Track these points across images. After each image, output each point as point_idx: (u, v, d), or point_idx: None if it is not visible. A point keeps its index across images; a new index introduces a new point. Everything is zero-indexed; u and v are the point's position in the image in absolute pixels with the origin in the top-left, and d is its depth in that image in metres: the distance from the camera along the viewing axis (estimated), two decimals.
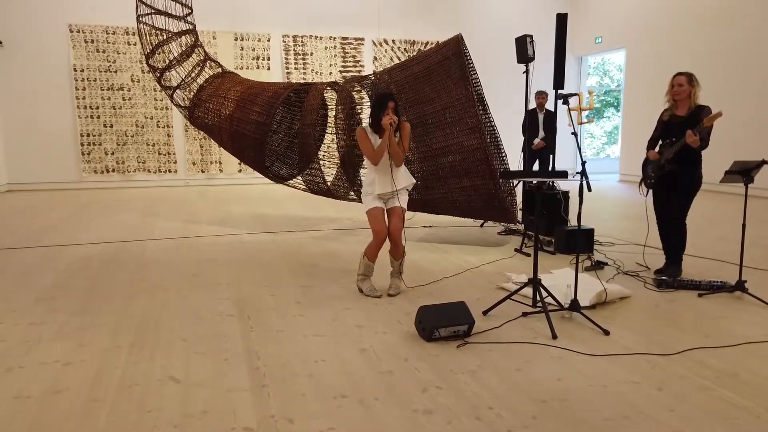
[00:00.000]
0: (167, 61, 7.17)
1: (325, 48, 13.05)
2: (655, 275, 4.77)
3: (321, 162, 6.88)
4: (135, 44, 11.43)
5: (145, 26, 7.09)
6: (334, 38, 13.09)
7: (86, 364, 3.08)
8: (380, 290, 4.37)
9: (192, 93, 7.17)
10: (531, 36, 6.37)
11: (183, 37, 7.22)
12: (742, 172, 4.21)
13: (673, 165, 4.58)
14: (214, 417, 2.53)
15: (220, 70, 7.48)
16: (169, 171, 12.39)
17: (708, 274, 4.84)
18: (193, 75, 7.22)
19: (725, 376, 2.94)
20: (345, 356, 3.19)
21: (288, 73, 12.79)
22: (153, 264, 5.36)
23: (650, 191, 4.85)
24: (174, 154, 12.38)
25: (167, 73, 7.22)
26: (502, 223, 6.86)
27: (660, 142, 4.76)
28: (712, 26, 11.06)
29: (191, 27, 7.29)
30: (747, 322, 3.75)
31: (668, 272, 4.75)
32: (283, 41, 12.73)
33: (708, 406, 2.63)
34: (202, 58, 7.35)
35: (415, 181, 4.49)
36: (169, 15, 7.08)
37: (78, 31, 11.52)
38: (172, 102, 7.40)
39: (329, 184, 6.85)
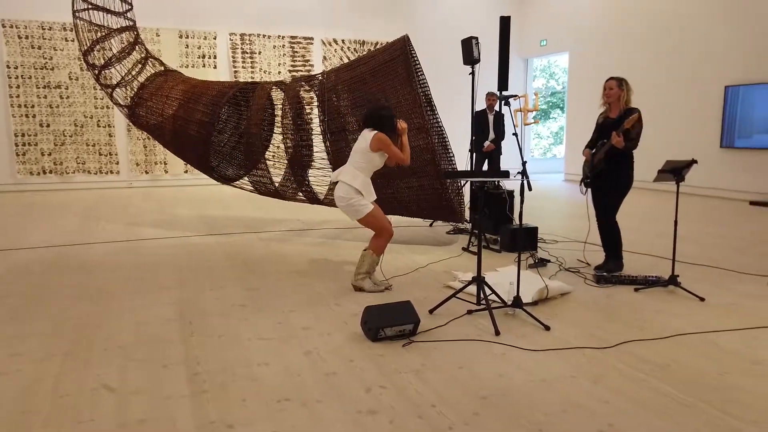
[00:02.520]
0: (106, 59, 6.92)
1: (274, 47, 12.90)
2: (595, 271, 4.93)
3: (269, 162, 6.79)
4: (73, 41, 10.97)
5: (81, 22, 6.83)
6: (283, 37, 12.95)
7: (18, 375, 2.93)
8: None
9: (133, 91, 6.95)
10: (476, 38, 6.47)
11: (123, 33, 6.99)
12: (674, 171, 4.40)
13: (603, 165, 4.76)
14: (151, 425, 2.45)
15: (162, 68, 7.28)
16: (111, 172, 11.96)
17: (644, 270, 5.02)
18: (133, 73, 7.00)
19: (657, 367, 3.06)
20: (289, 359, 3.15)
21: (235, 72, 12.57)
22: (93, 269, 5.17)
23: (589, 190, 5.02)
24: (116, 154, 11.96)
25: (106, 71, 6.98)
26: (450, 223, 6.94)
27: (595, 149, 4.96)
28: (650, 31, 11.52)
29: (131, 23, 7.06)
30: (679, 315, 3.92)
31: (606, 267, 4.93)
32: (231, 39, 12.51)
33: (641, 397, 2.73)
34: (143, 55, 7.14)
35: None
36: (108, 11, 6.85)
37: (11, 26, 10.97)
38: (112, 101, 7.15)
39: (277, 184, 6.77)
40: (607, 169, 4.77)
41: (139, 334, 3.52)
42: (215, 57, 12.44)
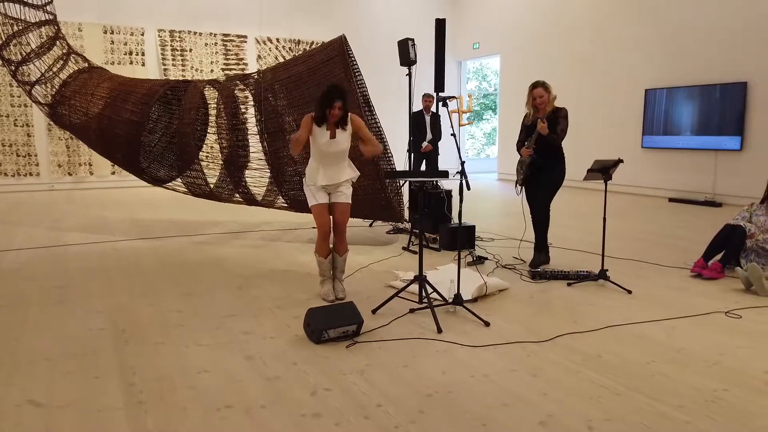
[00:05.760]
0: (24, 54, 6.51)
1: (206, 44, 12.54)
2: (530, 267, 5.10)
3: (203, 163, 6.59)
4: None
5: None
6: (215, 35, 12.62)
7: None
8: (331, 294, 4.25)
9: (54, 89, 6.58)
10: (413, 39, 6.53)
11: (42, 27, 6.60)
12: (602, 170, 4.61)
13: (538, 159, 4.94)
14: None
15: (86, 64, 6.93)
16: (30, 174, 11.27)
17: (576, 265, 5.23)
18: (54, 69, 6.62)
19: (590, 358, 3.19)
20: (230, 365, 3.07)
21: (165, 69, 12.14)
22: (11, 277, 4.85)
23: (524, 189, 5.20)
24: (36, 155, 11.28)
25: (24, 67, 6.57)
26: (390, 223, 6.98)
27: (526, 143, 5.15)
28: (576, 36, 12.03)
29: (51, 17, 6.68)
30: (609, 307, 4.11)
31: (539, 261, 5.12)
32: (159, 36, 12.06)
33: (576, 387, 2.84)
34: (65, 51, 6.77)
35: (359, 173, 4.43)
36: (25, 3, 6.44)
37: None
38: (31, 99, 6.75)
39: (212, 186, 6.59)
40: (542, 165, 4.96)
41: (67, 345, 3.33)
42: (143, 54, 11.96)
